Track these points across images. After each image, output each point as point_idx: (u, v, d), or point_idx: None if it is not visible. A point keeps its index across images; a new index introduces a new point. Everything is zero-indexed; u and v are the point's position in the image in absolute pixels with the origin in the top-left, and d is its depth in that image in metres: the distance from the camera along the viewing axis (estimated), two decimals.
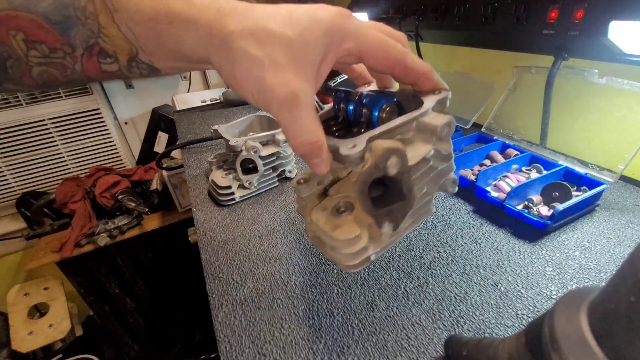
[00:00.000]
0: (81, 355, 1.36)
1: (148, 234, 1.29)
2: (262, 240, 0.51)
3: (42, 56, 0.21)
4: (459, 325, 0.36)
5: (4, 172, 1.43)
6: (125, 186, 1.27)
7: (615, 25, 0.47)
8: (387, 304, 0.39)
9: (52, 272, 1.32)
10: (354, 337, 0.36)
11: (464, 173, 0.61)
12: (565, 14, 0.52)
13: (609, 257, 0.43)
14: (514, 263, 0.43)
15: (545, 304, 0.38)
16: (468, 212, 0.54)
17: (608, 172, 0.54)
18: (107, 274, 1.30)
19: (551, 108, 0.65)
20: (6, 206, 1.48)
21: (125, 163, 1.66)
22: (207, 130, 0.95)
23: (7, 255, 1.51)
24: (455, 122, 0.27)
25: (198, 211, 0.60)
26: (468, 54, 0.89)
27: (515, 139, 0.69)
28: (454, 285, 0.41)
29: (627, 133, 0.53)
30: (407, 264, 0.45)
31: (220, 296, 0.42)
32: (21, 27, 0.20)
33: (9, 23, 0.20)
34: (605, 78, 0.56)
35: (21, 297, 1.33)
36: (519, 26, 0.59)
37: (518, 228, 0.49)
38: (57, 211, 1.28)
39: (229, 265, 0.47)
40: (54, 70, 0.22)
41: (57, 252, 1.16)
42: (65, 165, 1.54)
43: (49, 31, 0.21)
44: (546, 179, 0.54)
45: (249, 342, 0.36)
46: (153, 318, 1.44)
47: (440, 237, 0.49)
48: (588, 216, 0.51)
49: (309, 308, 0.40)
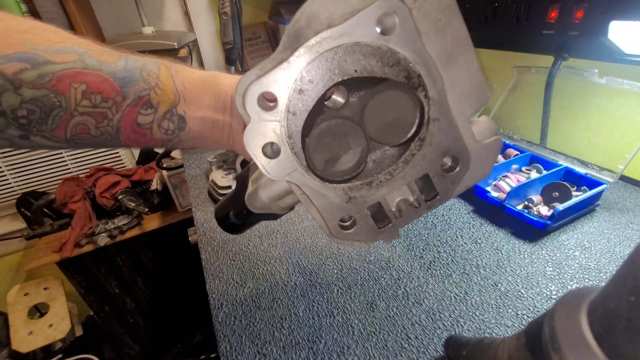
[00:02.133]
0: (81, 355, 1.36)
1: (148, 234, 1.29)
2: (262, 240, 0.51)
3: (91, 105, 0.23)
4: (459, 325, 0.36)
5: (4, 172, 1.43)
6: (125, 186, 1.27)
7: (615, 25, 0.47)
8: (387, 304, 0.39)
9: (52, 272, 1.32)
10: (354, 337, 0.36)
11: None
12: (565, 14, 0.52)
13: (609, 257, 0.43)
14: (514, 263, 0.43)
15: (545, 304, 0.38)
16: (468, 212, 0.54)
17: (608, 172, 0.54)
18: (107, 274, 1.30)
19: (551, 108, 0.65)
20: (6, 206, 1.48)
21: (125, 163, 1.66)
22: None
23: (7, 255, 1.51)
24: None
25: (198, 211, 0.60)
26: None
27: (515, 139, 0.69)
28: (454, 285, 0.41)
29: (627, 133, 0.53)
30: (407, 264, 0.45)
31: (220, 296, 0.42)
32: (86, 81, 0.22)
33: (76, 78, 0.22)
34: (605, 78, 0.56)
35: (21, 297, 1.33)
36: (519, 26, 0.59)
37: (518, 228, 0.49)
38: (57, 211, 1.28)
39: (229, 265, 0.47)
40: (92, 120, 0.24)
41: (57, 252, 1.16)
42: (65, 165, 1.54)
43: (111, 84, 0.23)
44: (546, 179, 0.54)
45: (249, 342, 0.36)
46: (153, 318, 1.44)
47: (440, 237, 0.49)
48: (588, 216, 0.51)
49: (309, 308, 0.40)
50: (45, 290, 1.36)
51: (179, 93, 0.26)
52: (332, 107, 0.20)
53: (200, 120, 0.27)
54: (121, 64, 0.24)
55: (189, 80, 0.26)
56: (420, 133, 0.20)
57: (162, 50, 1.03)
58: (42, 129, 0.23)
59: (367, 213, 0.22)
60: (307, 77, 0.18)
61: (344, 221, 0.22)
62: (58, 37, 0.23)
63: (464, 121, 0.19)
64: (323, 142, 0.20)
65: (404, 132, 0.20)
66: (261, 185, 0.26)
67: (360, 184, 0.21)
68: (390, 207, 0.22)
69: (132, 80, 0.24)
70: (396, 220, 0.22)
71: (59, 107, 0.22)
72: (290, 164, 0.20)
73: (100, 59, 0.23)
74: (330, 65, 0.18)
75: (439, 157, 0.20)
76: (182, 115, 0.26)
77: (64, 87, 0.22)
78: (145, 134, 0.26)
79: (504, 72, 0.76)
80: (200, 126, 0.27)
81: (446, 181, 0.21)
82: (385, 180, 0.21)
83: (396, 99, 0.19)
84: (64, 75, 0.22)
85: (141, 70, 0.24)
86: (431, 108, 0.19)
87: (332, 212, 0.22)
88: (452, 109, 0.19)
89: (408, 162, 0.21)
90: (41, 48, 0.21)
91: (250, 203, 0.28)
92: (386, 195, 0.22)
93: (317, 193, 0.21)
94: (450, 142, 0.20)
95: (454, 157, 0.20)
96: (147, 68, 0.25)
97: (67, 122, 0.23)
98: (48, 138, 0.24)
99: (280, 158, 0.19)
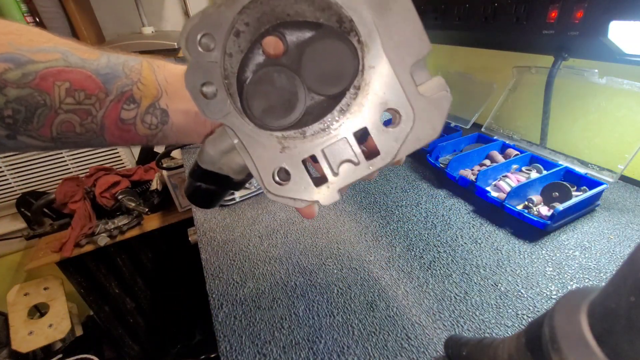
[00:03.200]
0: (81, 355, 1.36)
1: (148, 234, 1.29)
2: (262, 240, 0.51)
3: (75, 103, 0.23)
4: (459, 325, 0.36)
5: (4, 172, 1.43)
6: (125, 186, 1.27)
7: (615, 25, 0.46)
8: (387, 304, 0.39)
9: (52, 272, 1.32)
10: (354, 337, 0.36)
11: (464, 173, 0.61)
12: (565, 14, 0.52)
13: (609, 257, 0.43)
14: (514, 263, 0.43)
15: (545, 304, 0.38)
16: (468, 212, 0.54)
17: (608, 172, 0.54)
18: (107, 274, 1.30)
19: (551, 108, 0.65)
20: (6, 206, 1.48)
21: (125, 163, 1.66)
22: None
23: (7, 255, 1.51)
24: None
25: (198, 211, 0.60)
26: (468, 54, 0.89)
27: (515, 139, 0.69)
28: (454, 285, 0.41)
29: (627, 133, 0.53)
30: (407, 264, 0.45)
31: (220, 296, 0.42)
32: (70, 78, 0.23)
33: (59, 76, 0.23)
34: (605, 78, 0.56)
35: (21, 297, 1.33)
36: (519, 26, 0.59)
37: (518, 228, 0.49)
38: (57, 211, 1.28)
39: (229, 265, 0.47)
40: (76, 117, 0.24)
41: (57, 252, 1.16)
42: (65, 165, 1.54)
43: (94, 81, 0.24)
44: (546, 179, 0.54)
45: (249, 342, 0.36)
46: (153, 318, 1.44)
47: (440, 237, 0.49)
48: (588, 216, 0.51)
49: (309, 308, 0.40)
50: (45, 290, 1.36)
51: (161, 87, 0.26)
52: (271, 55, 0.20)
53: (183, 113, 0.27)
54: (103, 61, 0.24)
55: (171, 74, 0.27)
56: (355, 81, 0.19)
57: (162, 50, 1.03)
58: (28, 128, 0.23)
59: (302, 168, 0.21)
60: (244, 20, 0.19)
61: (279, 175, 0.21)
62: (41, 38, 0.23)
63: (404, 72, 0.19)
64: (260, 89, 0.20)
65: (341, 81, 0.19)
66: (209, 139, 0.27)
67: (294, 132, 0.20)
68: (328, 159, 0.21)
69: (115, 76, 0.24)
70: (333, 178, 0.21)
71: (44, 105, 0.23)
72: (225, 105, 0.20)
73: (83, 56, 0.24)
74: (265, 9, 0.18)
75: (377, 108, 0.19)
76: (164, 108, 0.26)
77: (47, 86, 0.22)
78: (130, 129, 0.26)
79: (504, 72, 0.76)
80: (183, 119, 0.27)
81: (388, 137, 0.20)
82: (320, 131, 0.20)
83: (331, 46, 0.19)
84: (48, 74, 0.22)
85: (123, 67, 0.25)
86: (365, 55, 0.18)
87: (266, 163, 0.21)
88: (390, 58, 0.18)
89: (344, 112, 0.20)
90: (25, 48, 0.22)
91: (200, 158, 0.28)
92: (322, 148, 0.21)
93: (252, 139, 0.21)
94: (389, 93, 0.19)
95: (394, 110, 0.19)
96: (129, 64, 0.25)
97: (52, 120, 0.23)
98: (34, 137, 0.24)
99: (217, 99, 0.20)
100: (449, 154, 0.69)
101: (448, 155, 0.68)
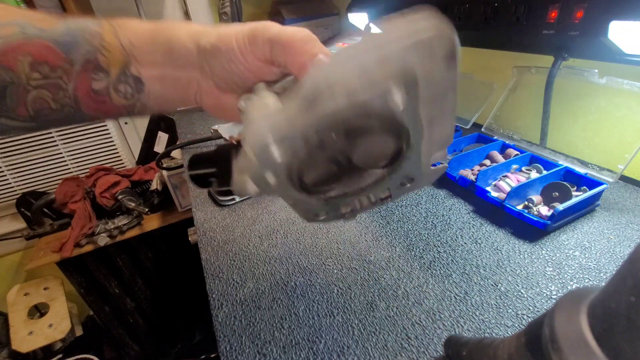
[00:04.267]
0: (81, 355, 1.36)
1: (148, 234, 1.29)
2: (262, 240, 0.51)
3: (42, 77, 0.22)
4: (459, 325, 0.36)
5: (4, 172, 1.43)
6: (125, 186, 1.27)
7: (615, 25, 0.46)
8: (387, 304, 0.39)
9: (52, 272, 1.32)
10: (354, 337, 0.36)
11: (464, 173, 0.61)
12: (565, 14, 0.52)
13: (609, 257, 0.43)
14: (514, 263, 0.43)
15: (545, 304, 0.38)
16: (468, 212, 0.54)
17: (608, 172, 0.54)
18: (107, 274, 1.30)
19: (551, 108, 0.65)
20: (6, 206, 1.48)
21: (125, 163, 1.66)
22: (207, 131, 0.95)
23: (7, 255, 1.51)
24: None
25: (198, 211, 0.60)
26: (468, 54, 0.89)
27: (515, 139, 0.69)
28: (454, 285, 0.41)
29: (627, 133, 0.53)
30: (407, 264, 0.45)
31: (220, 296, 0.42)
32: (30, 51, 0.22)
33: (19, 49, 0.21)
34: (605, 78, 0.56)
35: (21, 297, 1.33)
36: (519, 26, 0.59)
37: (518, 228, 0.49)
38: (57, 211, 1.28)
39: (229, 265, 0.47)
40: (47, 93, 0.23)
41: (57, 252, 1.16)
42: (65, 165, 1.54)
43: (55, 51, 0.22)
44: (546, 179, 0.54)
45: (249, 342, 0.36)
46: (153, 318, 1.44)
47: (440, 237, 0.49)
48: (588, 216, 0.51)
49: (309, 308, 0.40)
50: (45, 290, 1.36)
51: (127, 51, 0.24)
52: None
53: (159, 79, 0.25)
54: (61, 28, 0.22)
55: (136, 35, 0.24)
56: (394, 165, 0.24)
57: None
58: (2, 109, 0.22)
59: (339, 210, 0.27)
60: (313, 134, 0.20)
61: (317, 215, 0.27)
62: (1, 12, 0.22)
63: (428, 157, 0.24)
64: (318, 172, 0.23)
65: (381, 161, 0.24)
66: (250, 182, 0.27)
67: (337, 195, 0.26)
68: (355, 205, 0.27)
69: (75, 43, 0.22)
70: (357, 210, 0.28)
71: (11, 82, 0.22)
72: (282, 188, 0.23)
73: (41, 26, 0.22)
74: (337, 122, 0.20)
75: (401, 179, 0.25)
76: (137, 76, 0.25)
77: (10, 62, 0.21)
78: (105, 100, 0.25)
79: (504, 72, 0.76)
80: (160, 86, 0.26)
81: (401, 191, 0.27)
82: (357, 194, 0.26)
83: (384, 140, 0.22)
84: (8, 49, 0.21)
85: (83, 32, 0.23)
86: (407, 150, 0.22)
87: (309, 210, 0.27)
88: (423, 151, 0.23)
89: (378, 183, 0.25)
90: None
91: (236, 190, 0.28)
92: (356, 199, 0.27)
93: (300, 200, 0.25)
94: (413, 170, 0.25)
95: (411, 178, 0.26)
96: (89, 29, 0.23)
97: (25, 98, 0.22)
98: (12, 118, 0.23)
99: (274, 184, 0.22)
100: (449, 154, 0.69)
101: (448, 155, 0.68)
